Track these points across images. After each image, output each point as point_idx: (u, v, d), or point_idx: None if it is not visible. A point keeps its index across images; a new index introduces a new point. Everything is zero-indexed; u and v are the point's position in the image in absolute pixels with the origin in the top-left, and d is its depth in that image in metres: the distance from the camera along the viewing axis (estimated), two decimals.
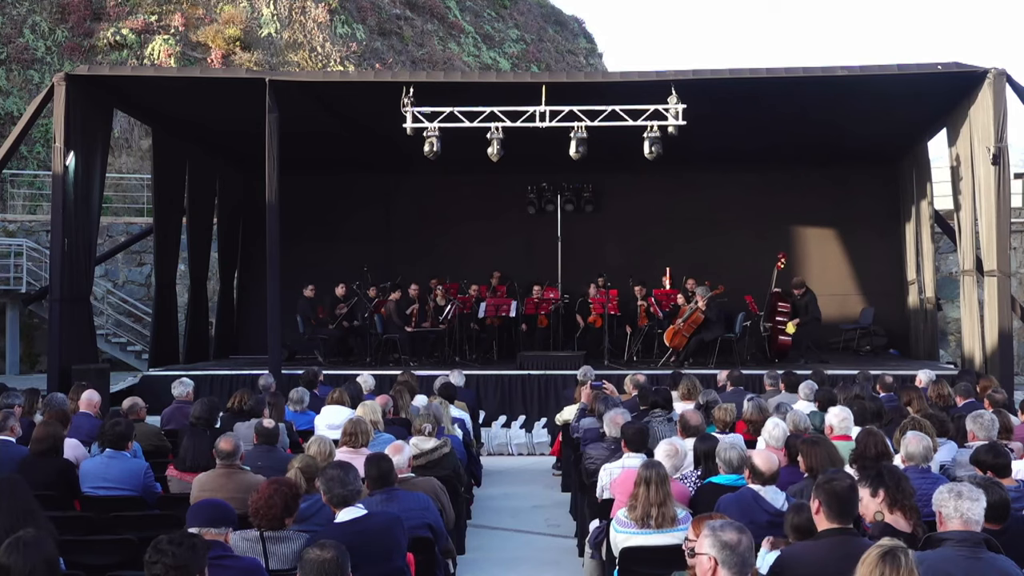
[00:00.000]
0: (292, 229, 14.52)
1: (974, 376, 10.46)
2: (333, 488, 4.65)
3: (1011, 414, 7.34)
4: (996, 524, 4.30)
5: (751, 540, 3.41)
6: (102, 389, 10.47)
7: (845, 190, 16.86)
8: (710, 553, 3.33)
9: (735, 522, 3.50)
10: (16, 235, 19.36)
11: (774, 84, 12.45)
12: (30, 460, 6.21)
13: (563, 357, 13.60)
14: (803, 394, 8.58)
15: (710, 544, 3.35)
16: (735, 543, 3.31)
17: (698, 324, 13.88)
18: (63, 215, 11.98)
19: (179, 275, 16.14)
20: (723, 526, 3.40)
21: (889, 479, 4.35)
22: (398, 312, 14.78)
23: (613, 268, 15.56)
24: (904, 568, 3.06)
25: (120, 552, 4.95)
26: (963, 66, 11.96)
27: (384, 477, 5.19)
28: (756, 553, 3.94)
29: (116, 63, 22.09)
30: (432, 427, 6.97)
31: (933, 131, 14.62)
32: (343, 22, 25.54)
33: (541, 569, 7.27)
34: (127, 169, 22.29)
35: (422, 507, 5.27)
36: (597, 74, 24.81)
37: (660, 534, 4.95)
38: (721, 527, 3.39)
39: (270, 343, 12.30)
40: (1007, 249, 11.95)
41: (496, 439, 12.40)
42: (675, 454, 5.80)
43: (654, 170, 13.67)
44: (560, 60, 31.55)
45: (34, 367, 18.52)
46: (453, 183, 16.62)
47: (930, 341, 15.06)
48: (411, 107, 12.17)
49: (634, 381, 9.84)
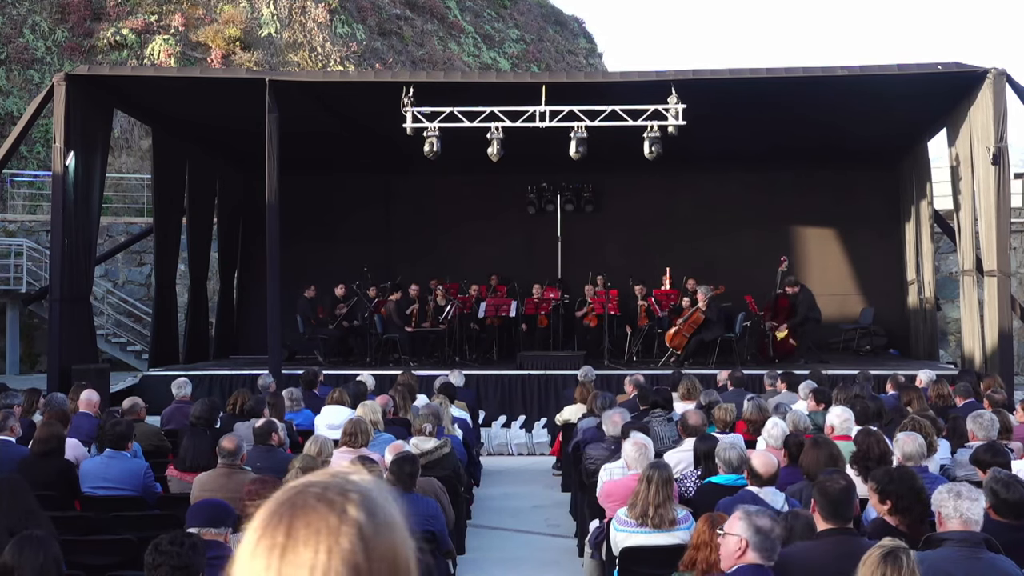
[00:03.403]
0: (292, 229, 14.52)
1: (974, 376, 10.46)
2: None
3: (1010, 414, 7.35)
4: (1019, 520, 4.33)
5: (780, 529, 3.49)
6: (102, 389, 10.47)
7: (845, 190, 16.85)
8: (742, 535, 3.41)
9: (768, 511, 3.57)
10: (16, 235, 19.35)
11: (774, 84, 12.45)
12: (30, 460, 6.21)
13: (563, 357, 13.59)
14: (803, 394, 8.59)
15: (744, 527, 3.44)
16: (768, 529, 3.42)
17: (698, 324, 13.88)
18: (63, 215, 11.98)
19: (179, 275, 16.13)
20: (758, 512, 3.49)
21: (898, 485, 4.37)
22: (398, 312, 14.77)
23: (613, 268, 15.56)
24: (905, 568, 3.06)
25: (120, 552, 4.96)
26: (963, 66, 11.96)
27: (403, 479, 5.20)
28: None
29: (116, 63, 22.08)
30: (432, 427, 6.97)
31: (933, 131, 14.61)
32: (343, 22, 25.54)
33: (541, 569, 7.27)
34: (127, 169, 22.29)
35: (430, 514, 5.27)
36: (597, 74, 24.81)
37: (660, 534, 4.95)
38: (756, 513, 3.49)
39: (270, 343, 12.30)
40: (1007, 249, 11.95)
41: (496, 439, 12.40)
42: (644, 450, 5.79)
43: (654, 170, 13.67)
44: (560, 60, 31.55)
45: (34, 367, 18.52)
46: (453, 183, 16.62)
47: (930, 341, 15.06)
48: (411, 107, 12.17)
49: (634, 381, 9.85)
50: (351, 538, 1.13)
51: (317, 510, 1.15)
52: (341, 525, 1.14)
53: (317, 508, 1.15)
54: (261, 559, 1.14)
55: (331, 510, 1.15)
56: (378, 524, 1.16)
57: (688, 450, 6.33)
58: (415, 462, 5.39)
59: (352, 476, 1.21)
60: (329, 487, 1.18)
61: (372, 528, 1.15)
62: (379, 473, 1.24)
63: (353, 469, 1.25)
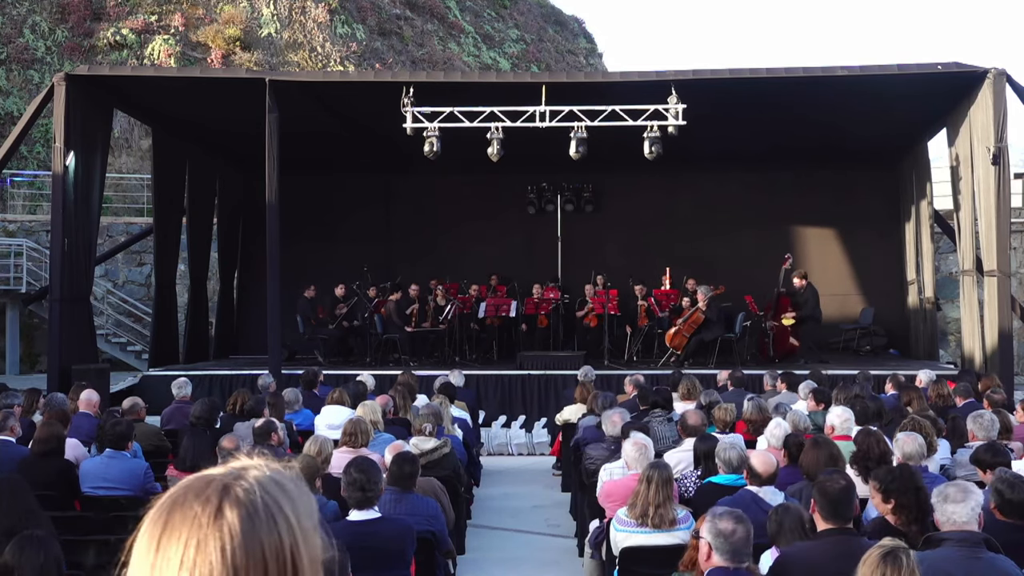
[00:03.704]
0: (292, 229, 14.52)
1: (974, 376, 10.46)
2: (352, 492, 4.63)
3: (1010, 414, 7.35)
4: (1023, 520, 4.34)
5: (748, 530, 3.47)
6: (102, 389, 10.47)
7: (845, 190, 16.85)
8: (706, 538, 3.42)
9: (736, 512, 3.55)
10: (16, 235, 19.35)
11: (774, 84, 12.45)
12: (30, 460, 6.20)
13: (563, 357, 13.59)
14: (803, 394, 8.59)
15: (707, 530, 3.46)
16: (729, 532, 3.41)
17: (698, 324, 13.88)
18: (63, 215, 11.98)
19: (179, 275, 16.13)
20: (722, 514, 3.48)
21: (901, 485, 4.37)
22: (398, 312, 14.77)
23: (613, 268, 15.55)
24: (905, 568, 3.06)
25: (120, 552, 4.95)
26: (963, 66, 11.96)
27: (403, 479, 5.19)
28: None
29: (116, 63, 22.08)
30: (432, 427, 6.97)
31: (933, 131, 14.62)
32: (343, 22, 25.54)
33: (541, 569, 7.27)
34: (127, 169, 22.29)
35: (430, 514, 5.26)
36: (597, 74, 24.81)
37: (660, 534, 4.95)
38: (720, 515, 3.48)
39: (270, 343, 12.30)
40: (1007, 249, 11.95)
41: (496, 439, 12.40)
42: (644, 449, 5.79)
43: (654, 170, 13.67)
44: (560, 60, 31.54)
45: (34, 367, 18.52)
46: (453, 183, 16.62)
47: (930, 341, 15.06)
48: (411, 107, 12.17)
49: (634, 381, 9.85)
50: (220, 536, 1.13)
51: (192, 507, 1.16)
52: (211, 523, 1.14)
53: (192, 505, 1.16)
54: (141, 551, 1.18)
55: (205, 507, 1.15)
56: (258, 522, 1.15)
57: (688, 450, 6.33)
58: (415, 462, 5.38)
59: (249, 470, 1.20)
60: (212, 483, 1.18)
61: (249, 526, 1.14)
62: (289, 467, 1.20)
63: (254, 463, 1.23)
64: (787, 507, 4.34)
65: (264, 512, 1.16)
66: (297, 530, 1.18)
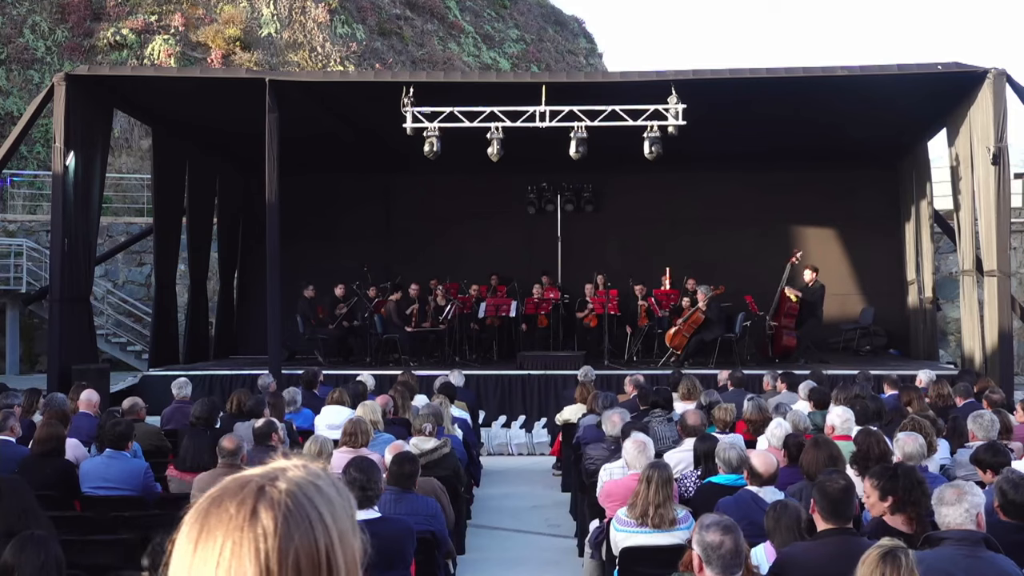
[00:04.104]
0: (292, 229, 14.52)
1: (974, 376, 10.46)
2: (352, 491, 4.62)
3: (1010, 414, 7.35)
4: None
5: (736, 540, 3.47)
6: (102, 389, 10.47)
7: (845, 190, 16.85)
8: (695, 550, 3.44)
9: (725, 521, 3.54)
10: (16, 235, 19.35)
11: (774, 84, 12.45)
12: (30, 460, 6.21)
13: (563, 357, 13.59)
14: (803, 394, 8.59)
15: (696, 541, 3.46)
16: (716, 545, 3.42)
17: (698, 324, 13.88)
18: (63, 215, 11.98)
19: (179, 275, 16.13)
20: (709, 526, 3.48)
21: (902, 483, 4.37)
22: (398, 312, 14.78)
23: (613, 268, 15.55)
24: (904, 568, 3.06)
25: (120, 552, 4.96)
26: (963, 66, 11.96)
27: (403, 479, 5.19)
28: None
29: (116, 63, 22.08)
30: (432, 427, 6.97)
31: (933, 131, 14.62)
32: (343, 22, 25.54)
33: (541, 569, 7.27)
34: (127, 169, 22.29)
35: (430, 514, 5.26)
36: (597, 74, 24.81)
37: (660, 534, 4.95)
38: (708, 527, 3.48)
39: (270, 343, 12.30)
40: (1007, 249, 11.95)
41: (496, 439, 12.40)
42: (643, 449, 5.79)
43: (654, 170, 13.66)
44: (560, 60, 31.54)
45: (34, 367, 18.52)
46: (453, 183, 16.60)
47: (930, 341, 15.06)
48: (411, 107, 12.17)
49: (634, 381, 9.85)
50: (255, 538, 1.13)
51: (228, 508, 1.15)
52: (246, 525, 1.14)
53: (228, 507, 1.15)
54: (180, 552, 1.17)
55: (240, 509, 1.15)
56: (293, 525, 1.14)
57: (688, 450, 6.33)
58: (415, 462, 5.38)
59: (287, 472, 1.20)
60: (248, 484, 1.18)
61: (284, 528, 1.14)
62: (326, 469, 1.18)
63: (292, 464, 1.22)
64: (785, 504, 4.34)
65: (299, 514, 1.16)
66: (334, 532, 1.17)
